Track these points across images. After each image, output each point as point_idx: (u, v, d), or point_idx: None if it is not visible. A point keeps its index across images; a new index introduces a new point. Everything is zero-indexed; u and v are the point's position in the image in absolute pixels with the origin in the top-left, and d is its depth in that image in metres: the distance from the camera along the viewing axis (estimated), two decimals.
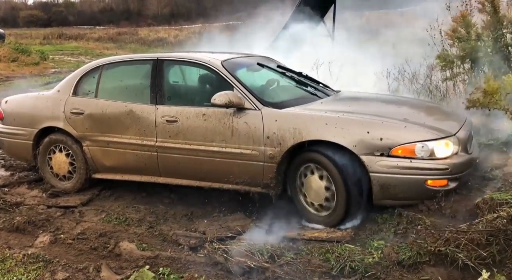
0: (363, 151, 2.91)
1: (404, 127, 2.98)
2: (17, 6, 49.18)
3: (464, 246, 2.29)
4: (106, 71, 4.01)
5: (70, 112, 3.92)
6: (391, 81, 5.53)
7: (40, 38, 27.43)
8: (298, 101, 3.48)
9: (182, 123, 3.45)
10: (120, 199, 3.86)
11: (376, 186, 2.90)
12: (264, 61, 4.15)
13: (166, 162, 3.56)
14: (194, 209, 3.57)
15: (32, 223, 3.26)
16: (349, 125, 2.99)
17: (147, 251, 2.85)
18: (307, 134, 3.05)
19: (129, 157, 3.71)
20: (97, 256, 2.83)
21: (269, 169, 3.19)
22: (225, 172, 3.35)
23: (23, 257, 2.78)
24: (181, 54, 3.98)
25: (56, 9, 46.54)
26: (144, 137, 3.60)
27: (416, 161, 2.85)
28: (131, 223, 3.33)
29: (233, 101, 3.21)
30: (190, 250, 2.88)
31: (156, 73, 3.69)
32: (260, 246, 2.77)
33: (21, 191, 4.11)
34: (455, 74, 5.10)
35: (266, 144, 3.17)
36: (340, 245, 2.76)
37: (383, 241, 2.70)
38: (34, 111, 4.12)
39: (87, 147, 3.87)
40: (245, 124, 3.24)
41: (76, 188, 4.00)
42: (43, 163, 4.12)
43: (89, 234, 3.10)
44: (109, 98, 3.84)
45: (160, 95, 3.63)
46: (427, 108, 3.79)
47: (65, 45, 24.78)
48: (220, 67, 3.49)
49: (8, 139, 4.28)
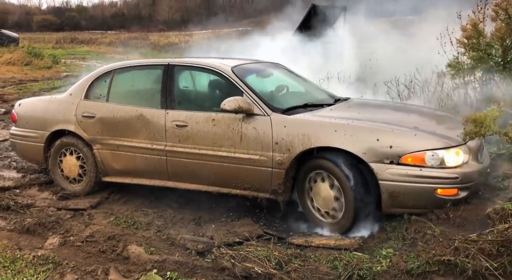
0: (373, 159, 2.90)
1: (414, 135, 2.97)
2: (32, 11, 50.08)
3: (474, 256, 2.27)
4: (118, 75, 4.05)
5: (82, 115, 3.97)
6: (401, 89, 5.51)
7: (52, 42, 27.85)
8: (307, 107, 3.49)
9: (191, 128, 3.48)
10: (128, 202, 3.88)
11: (385, 194, 2.89)
12: (274, 67, 4.16)
13: (175, 166, 3.59)
14: (202, 213, 3.58)
15: (42, 225, 3.29)
16: (358, 132, 2.98)
17: (155, 255, 2.86)
18: (316, 141, 3.05)
19: (138, 161, 3.74)
20: (106, 259, 2.85)
21: (277, 175, 3.19)
22: (233, 177, 3.36)
23: (33, 258, 2.80)
24: (192, 59, 4.02)
25: (69, 14, 47.26)
26: (154, 141, 3.63)
27: (426, 170, 2.83)
28: (140, 227, 3.35)
29: (243, 106, 3.23)
30: (197, 255, 2.88)
31: (167, 78, 3.73)
32: (267, 252, 2.77)
33: (32, 193, 4.15)
34: (466, 82, 5.06)
35: (274, 150, 3.17)
36: (348, 252, 2.74)
37: (392, 250, 2.67)
38: (46, 114, 4.18)
39: (98, 150, 3.91)
40: (254, 130, 3.25)
41: (86, 191, 4.03)
42: (54, 165, 4.17)
43: (98, 237, 3.12)
44: (120, 102, 3.88)
45: (170, 99, 3.67)
46: (437, 116, 3.77)
47: (77, 49, 25.11)
48: (230, 72, 3.52)
49: (21, 141, 4.35)
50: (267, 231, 3.19)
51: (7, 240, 3.08)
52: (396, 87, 5.45)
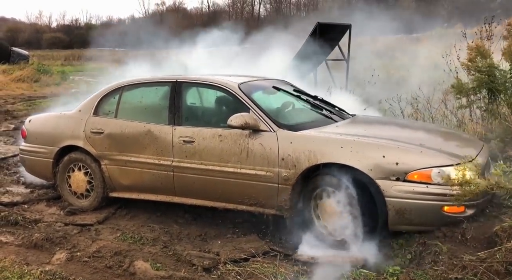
0: (379, 175, 2.91)
1: (420, 152, 2.98)
2: (41, 29, 51.11)
3: (482, 275, 2.25)
4: (126, 92, 4.13)
5: (90, 131, 4.02)
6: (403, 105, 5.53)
7: (61, 59, 28.34)
8: (314, 124, 3.52)
9: (198, 144, 3.51)
10: (135, 218, 3.90)
11: (391, 211, 2.88)
12: (280, 84, 4.22)
13: (182, 181, 3.61)
14: (208, 229, 3.58)
15: (50, 240, 3.31)
16: (364, 149, 3.00)
17: (161, 270, 2.86)
18: (322, 157, 3.07)
19: (145, 176, 3.77)
20: (112, 274, 2.86)
21: (283, 191, 3.20)
22: (239, 193, 3.38)
23: (41, 273, 2.81)
24: (199, 76, 4.08)
25: (78, 32, 48.15)
26: (161, 156, 3.67)
27: (433, 187, 2.83)
28: (146, 242, 3.36)
29: (249, 122, 3.27)
30: (203, 271, 2.88)
31: (175, 94, 3.79)
32: (273, 269, 2.76)
33: (40, 208, 4.19)
34: (471, 101, 5.08)
35: (281, 166, 3.19)
36: (355, 269, 2.73)
37: (399, 267, 2.66)
38: (55, 130, 4.25)
39: (105, 166, 3.95)
40: (260, 146, 3.28)
41: (93, 206, 4.06)
42: (62, 181, 4.21)
43: (105, 252, 3.13)
44: (129, 118, 3.94)
45: (178, 116, 3.72)
46: (443, 133, 3.78)
47: (85, 66, 25.50)
48: (237, 89, 3.57)
49: (30, 157, 4.40)
50: (273, 247, 3.18)
51: (15, 255, 3.10)
52: (398, 103, 5.48)
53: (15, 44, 25.42)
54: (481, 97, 5.01)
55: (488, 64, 4.70)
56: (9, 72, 14.83)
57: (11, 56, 17.60)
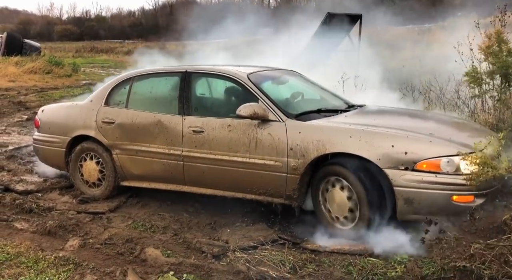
0: (388, 165, 2.91)
1: (430, 142, 2.97)
2: (53, 21, 51.46)
3: (491, 263, 2.25)
4: (137, 82, 4.16)
5: (102, 121, 4.08)
6: (416, 96, 5.49)
7: (72, 51, 28.56)
8: (322, 113, 3.52)
9: (207, 134, 3.54)
10: (146, 206, 3.96)
11: (400, 200, 2.89)
12: (289, 75, 4.21)
13: (192, 171, 3.65)
14: (217, 218, 3.63)
15: (63, 227, 3.38)
16: (373, 138, 3.00)
17: (172, 257, 2.91)
18: (330, 147, 3.08)
19: (156, 166, 3.82)
20: (124, 260, 2.92)
21: (292, 180, 3.22)
22: (248, 183, 3.41)
23: (55, 259, 2.89)
24: (209, 66, 4.10)
25: (89, 24, 48.40)
26: (171, 146, 3.71)
27: (442, 176, 2.83)
28: (157, 230, 3.42)
29: (258, 112, 3.28)
30: (213, 258, 2.93)
31: (184, 85, 3.82)
32: (282, 257, 2.79)
33: (53, 196, 4.27)
34: (484, 91, 5.02)
35: (289, 155, 3.21)
36: (363, 258, 2.75)
37: (407, 255, 2.67)
38: (68, 120, 4.31)
39: (117, 155, 4.01)
40: (269, 136, 3.30)
41: (105, 195, 4.13)
42: (74, 170, 4.29)
43: (116, 239, 3.20)
44: (139, 108, 3.98)
45: (187, 106, 3.75)
46: (453, 123, 3.75)
47: (95, 58, 25.70)
48: (246, 79, 3.58)
49: (43, 146, 4.48)
50: (281, 236, 3.22)
51: (30, 241, 3.18)
52: (411, 94, 5.45)
53: (27, 36, 25.61)
54: (493, 86, 4.95)
55: (508, 49, 4.66)
56: (21, 64, 14.99)
57: (24, 48, 17.77)
